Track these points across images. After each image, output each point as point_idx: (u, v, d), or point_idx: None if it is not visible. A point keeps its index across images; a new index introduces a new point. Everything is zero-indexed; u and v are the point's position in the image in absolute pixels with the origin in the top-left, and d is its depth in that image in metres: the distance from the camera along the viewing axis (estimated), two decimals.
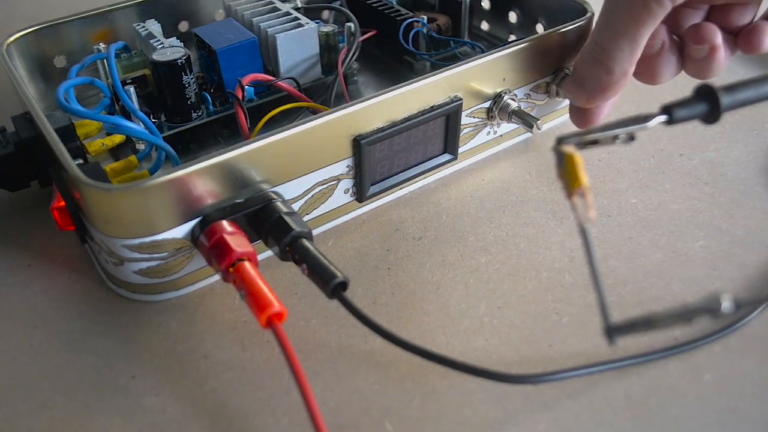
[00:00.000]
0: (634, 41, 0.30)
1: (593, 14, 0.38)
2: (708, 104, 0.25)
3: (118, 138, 0.37)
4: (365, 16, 0.44)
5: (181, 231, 0.28)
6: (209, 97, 0.39)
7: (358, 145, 0.32)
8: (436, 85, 0.33)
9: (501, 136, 0.39)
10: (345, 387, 0.27)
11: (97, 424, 0.26)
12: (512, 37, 0.46)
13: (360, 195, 0.34)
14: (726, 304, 0.21)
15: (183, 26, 0.44)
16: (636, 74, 0.35)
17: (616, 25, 0.30)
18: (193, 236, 0.29)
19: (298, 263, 0.27)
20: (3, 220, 0.36)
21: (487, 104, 0.37)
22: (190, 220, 0.28)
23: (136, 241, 0.28)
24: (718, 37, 0.32)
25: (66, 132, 0.32)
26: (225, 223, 0.28)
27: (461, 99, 0.34)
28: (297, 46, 0.40)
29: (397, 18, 0.43)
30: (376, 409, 0.26)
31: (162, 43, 0.38)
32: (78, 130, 0.35)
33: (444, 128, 0.35)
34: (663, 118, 0.25)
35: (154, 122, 0.36)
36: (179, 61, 0.36)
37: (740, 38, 0.33)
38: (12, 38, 0.38)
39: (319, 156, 0.31)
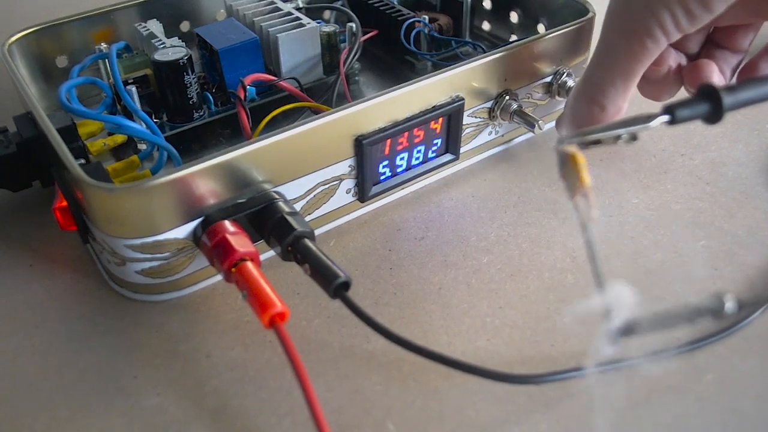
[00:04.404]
0: (628, 79, 0.30)
1: (595, 14, 0.38)
2: (710, 104, 0.25)
3: (119, 138, 0.37)
4: (366, 16, 0.44)
5: (183, 231, 0.28)
6: (211, 97, 0.39)
7: (360, 145, 0.32)
8: (438, 85, 0.33)
9: (503, 136, 0.39)
10: (347, 387, 0.27)
11: (98, 425, 0.26)
12: (514, 37, 0.46)
13: (362, 195, 0.34)
14: (729, 305, 0.20)
15: (184, 26, 0.44)
16: (642, 92, 0.35)
17: (610, 63, 0.30)
18: (195, 236, 0.29)
19: (300, 263, 0.27)
20: (5, 220, 0.36)
21: (488, 104, 0.37)
22: (192, 220, 0.28)
23: (138, 241, 0.28)
24: (714, 76, 0.32)
25: (68, 132, 0.32)
26: (227, 223, 0.28)
27: (463, 99, 0.34)
28: (298, 46, 0.40)
29: (399, 18, 0.43)
30: (379, 409, 0.26)
31: (163, 43, 0.38)
32: (80, 130, 0.35)
33: (446, 128, 0.35)
34: (665, 118, 0.25)
35: (155, 122, 0.36)
36: (181, 60, 0.36)
37: (738, 75, 0.33)
38: (13, 38, 0.38)
39: (321, 156, 0.31)
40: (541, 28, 0.44)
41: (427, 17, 0.44)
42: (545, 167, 0.39)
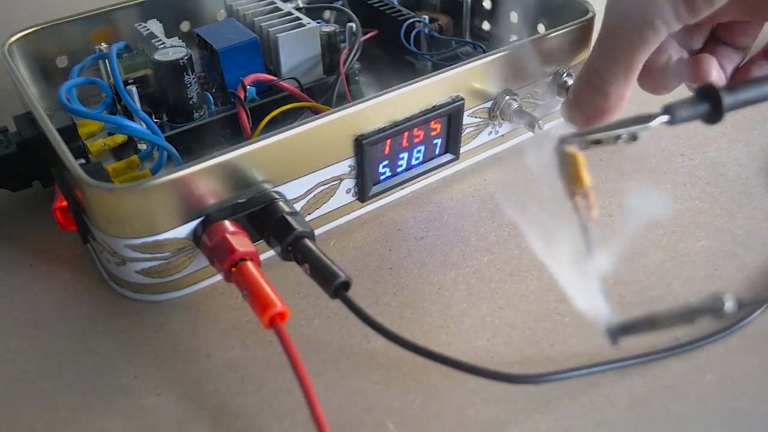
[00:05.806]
0: (630, 67, 0.30)
1: (595, 14, 0.38)
2: (710, 104, 0.25)
3: (119, 138, 0.37)
4: (367, 15, 0.44)
5: (183, 231, 0.28)
6: (211, 97, 0.39)
7: (360, 145, 0.32)
8: (438, 85, 0.33)
9: (503, 136, 0.39)
10: (347, 387, 0.27)
11: (98, 425, 0.26)
12: (514, 37, 0.46)
13: (362, 195, 0.34)
14: (729, 304, 0.21)
15: (185, 26, 0.44)
16: (641, 84, 0.35)
17: (612, 51, 0.30)
18: (195, 236, 0.29)
19: (300, 263, 0.27)
20: (5, 220, 0.36)
21: (488, 104, 0.37)
22: (192, 219, 0.28)
23: (138, 241, 0.28)
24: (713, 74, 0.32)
25: (68, 132, 0.32)
26: (227, 223, 0.28)
27: (463, 99, 0.34)
28: (298, 46, 0.40)
29: (399, 18, 0.43)
30: (379, 408, 0.26)
31: (164, 43, 0.38)
32: (80, 130, 0.35)
33: (446, 128, 0.35)
34: (665, 118, 0.25)
35: (156, 122, 0.36)
36: (181, 61, 0.36)
37: (732, 78, 0.33)
38: (14, 38, 0.38)
39: (321, 156, 0.31)
40: (541, 28, 0.44)
41: (427, 17, 0.44)
42: (545, 167, 0.39)
